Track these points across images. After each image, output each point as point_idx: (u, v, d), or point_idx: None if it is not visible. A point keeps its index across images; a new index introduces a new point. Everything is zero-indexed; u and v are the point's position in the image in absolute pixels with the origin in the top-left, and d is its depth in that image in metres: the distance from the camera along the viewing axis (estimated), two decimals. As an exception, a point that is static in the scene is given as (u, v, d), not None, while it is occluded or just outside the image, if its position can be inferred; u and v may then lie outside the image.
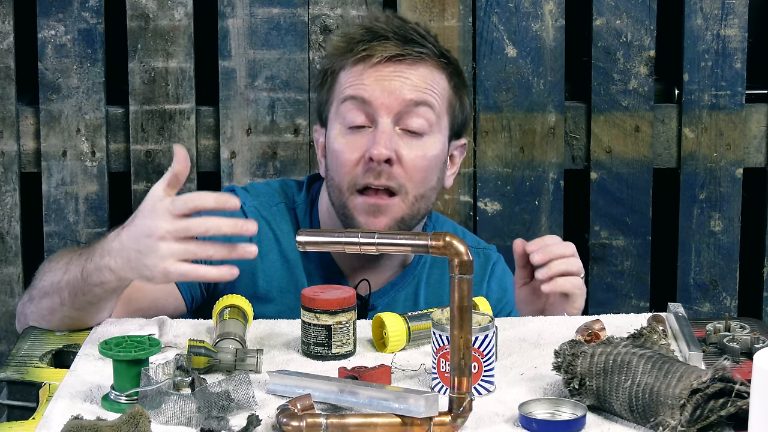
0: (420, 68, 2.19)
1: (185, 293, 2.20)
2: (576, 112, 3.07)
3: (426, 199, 2.20)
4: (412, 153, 2.17)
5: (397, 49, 2.17)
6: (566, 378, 1.76)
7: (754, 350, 1.94)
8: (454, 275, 1.66)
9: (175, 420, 1.70)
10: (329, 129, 2.22)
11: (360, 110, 2.17)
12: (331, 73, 2.22)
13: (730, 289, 3.12)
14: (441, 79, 2.21)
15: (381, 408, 1.70)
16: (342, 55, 2.21)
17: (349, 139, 2.17)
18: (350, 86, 2.18)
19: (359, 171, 2.16)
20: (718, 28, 3.03)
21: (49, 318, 2.06)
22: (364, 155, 2.15)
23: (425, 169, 2.18)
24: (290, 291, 2.24)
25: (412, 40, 2.19)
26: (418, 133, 2.17)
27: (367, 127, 2.17)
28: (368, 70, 2.17)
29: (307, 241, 1.75)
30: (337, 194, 2.19)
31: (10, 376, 1.90)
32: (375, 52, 2.17)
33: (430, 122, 2.18)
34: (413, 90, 2.17)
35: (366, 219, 2.16)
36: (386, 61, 2.17)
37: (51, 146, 3.00)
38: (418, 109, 2.17)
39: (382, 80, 2.17)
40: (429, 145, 2.19)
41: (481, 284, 2.32)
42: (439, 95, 2.20)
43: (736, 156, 3.08)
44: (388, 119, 2.16)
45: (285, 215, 2.28)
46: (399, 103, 2.16)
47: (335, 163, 2.19)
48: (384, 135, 2.15)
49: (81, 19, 2.97)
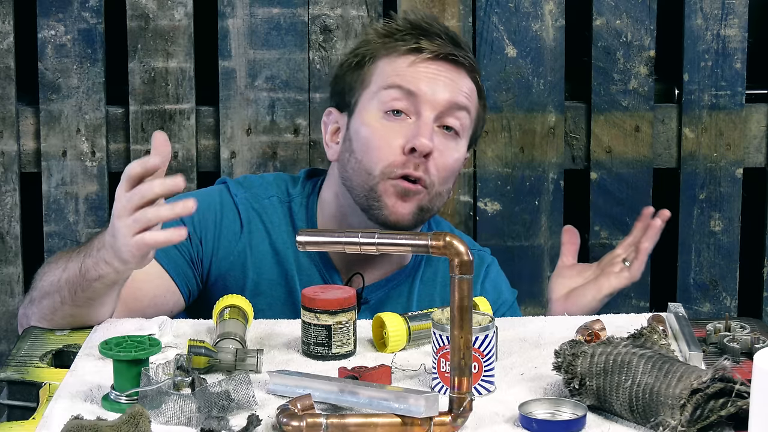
0: (462, 73, 2.21)
1: (182, 287, 2.20)
2: (576, 112, 3.07)
3: (442, 198, 2.22)
4: (446, 152, 2.18)
5: (448, 48, 2.20)
6: (566, 378, 1.76)
7: (754, 350, 1.94)
8: (455, 275, 1.66)
9: (175, 420, 1.70)
10: (360, 112, 2.21)
11: (404, 100, 2.18)
12: (370, 58, 2.22)
13: (730, 289, 3.12)
14: (474, 89, 2.24)
15: (381, 408, 1.70)
16: (386, 45, 2.21)
17: (387, 125, 2.18)
18: (397, 76, 2.18)
19: (398, 159, 2.16)
20: (718, 28, 3.03)
21: (51, 317, 2.06)
22: (405, 145, 2.16)
23: (452, 168, 2.21)
24: (280, 284, 2.24)
25: (459, 44, 2.23)
26: (453, 131, 2.19)
27: (407, 116, 2.18)
28: (418, 64, 2.19)
29: (307, 241, 1.75)
30: (363, 177, 2.18)
31: (10, 376, 1.90)
32: (427, 47, 2.19)
33: (464, 126, 2.21)
34: (458, 92, 2.19)
35: (395, 202, 2.17)
36: (435, 59, 2.19)
37: (51, 146, 3.00)
38: (458, 112, 2.19)
39: (430, 77, 2.18)
40: (459, 147, 2.21)
41: (475, 286, 2.32)
42: (473, 103, 2.23)
43: (736, 156, 3.08)
44: (431, 114, 2.17)
45: (277, 208, 2.28)
46: (443, 103, 2.18)
47: (367, 147, 2.18)
48: (428, 128, 2.16)
49: (81, 19, 2.97)
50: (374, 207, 2.17)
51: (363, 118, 2.20)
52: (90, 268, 1.96)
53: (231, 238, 2.23)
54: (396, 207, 2.17)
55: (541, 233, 3.05)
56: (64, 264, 2.02)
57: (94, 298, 2.01)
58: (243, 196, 2.27)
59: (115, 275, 1.96)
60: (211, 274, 2.24)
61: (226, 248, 2.24)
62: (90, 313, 2.05)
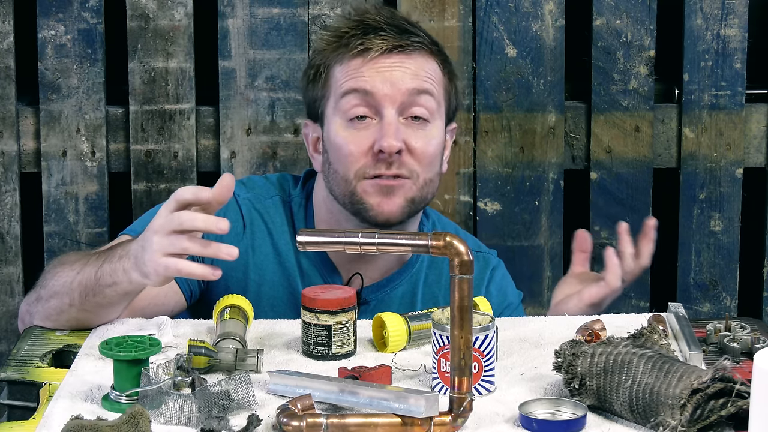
0: (417, 57, 2.19)
1: (184, 288, 2.20)
2: (576, 112, 3.07)
3: (433, 183, 2.21)
4: (420, 141, 2.17)
5: (394, 40, 2.18)
6: (566, 378, 1.76)
7: (754, 350, 1.94)
8: (455, 275, 1.66)
9: (175, 420, 1.70)
10: (328, 124, 2.21)
11: (362, 103, 2.17)
12: (324, 68, 2.22)
13: (730, 289, 3.12)
14: (435, 67, 2.22)
15: (381, 408, 1.70)
16: (336, 50, 2.20)
17: (353, 132, 2.18)
18: (350, 79, 2.18)
19: (368, 162, 2.16)
20: (718, 28, 3.03)
21: (56, 318, 2.06)
22: (372, 147, 2.15)
23: (432, 154, 2.20)
24: (282, 284, 2.24)
25: (407, 31, 2.20)
26: (422, 120, 2.18)
27: (370, 119, 2.17)
28: (367, 63, 2.17)
29: (308, 241, 1.75)
30: (342, 185, 2.19)
31: (10, 376, 1.90)
32: (373, 45, 2.17)
33: (431, 110, 2.19)
34: (414, 79, 2.18)
35: (379, 200, 2.16)
36: (384, 53, 2.17)
37: (51, 146, 3.00)
38: (420, 98, 2.18)
39: (382, 72, 2.17)
40: (433, 132, 2.20)
41: (480, 289, 2.32)
42: (437, 82, 2.21)
43: (736, 156, 3.08)
44: (392, 110, 2.16)
45: (279, 208, 2.28)
46: (402, 93, 2.16)
47: (339, 155, 2.18)
48: (391, 126, 2.15)
49: (81, 19, 2.97)
50: (361, 210, 2.18)
51: (331, 129, 2.20)
52: (106, 273, 1.96)
53: (233, 238, 2.23)
54: (381, 205, 2.17)
55: (541, 233, 3.05)
56: (80, 267, 2.02)
57: (103, 305, 2.01)
58: (245, 197, 2.27)
59: (129, 286, 1.96)
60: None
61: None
62: (95, 319, 2.05)
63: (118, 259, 1.95)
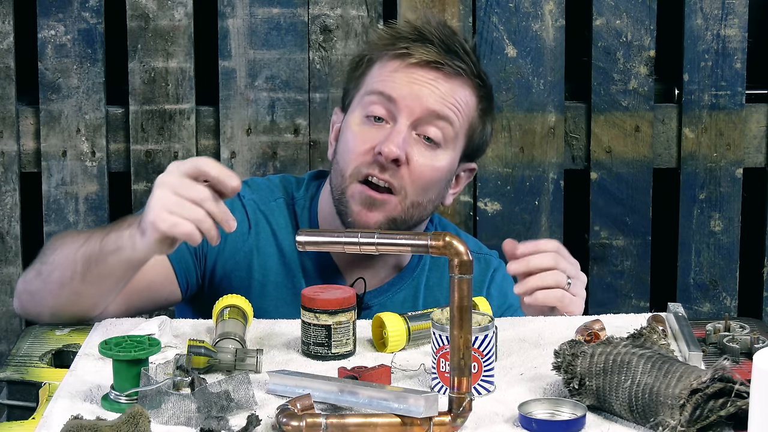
0: (453, 82, 2.18)
1: (181, 278, 2.20)
2: (576, 112, 3.07)
3: (421, 208, 2.20)
4: (422, 160, 2.16)
5: (437, 56, 2.16)
6: (566, 378, 1.76)
7: (754, 350, 1.94)
8: (454, 275, 1.66)
9: (174, 420, 1.70)
10: (349, 114, 2.22)
11: (383, 106, 2.17)
12: (367, 62, 2.22)
13: (730, 289, 3.12)
14: (470, 99, 2.21)
15: (381, 408, 1.70)
16: (382, 48, 2.20)
17: (365, 129, 2.18)
18: (380, 81, 2.18)
19: (365, 160, 2.16)
20: (718, 28, 3.03)
21: (57, 293, 2.04)
22: (374, 147, 2.15)
23: (430, 178, 2.18)
24: (286, 286, 2.24)
25: (455, 52, 2.18)
26: (432, 142, 2.17)
27: (386, 122, 2.17)
28: (402, 69, 2.17)
29: (307, 241, 1.75)
30: (339, 180, 2.19)
31: (10, 376, 1.90)
32: (414, 53, 2.16)
33: (447, 137, 2.18)
34: (439, 101, 2.16)
35: (360, 210, 2.16)
36: (423, 65, 2.16)
37: (51, 146, 3.00)
38: (437, 121, 2.17)
39: (412, 83, 2.16)
40: (440, 157, 2.18)
41: (481, 290, 2.31)
42: (463, 114, 2.20)
43: (736, 156, 3.08)
44: (407, 121, 2.16)
45: (283, 210, 2.28)
46: (421, 110, 2.16)
47: (344, 148, 2.19)
48: (399, 135, 2.15)
49: (81, 19, 2.97)
50: (344, 213, 2.18)
51: (348, 122, 2.21)
52: (111, 240, 1.96)
53: (238, 238, 2.23)
54: (360, 215, 2.16)
55: (541, 233, 3.05)
56: (85, 238, 2.02)
57: (104, 277, 2.00)
58: (250, 198, 2.27)
59: (131, 252, 1.95)
60: (216, 273, 2.23)
61: (233, 247, 2.24)
62: (94, 296, 2.03)
63: (127, 226, 1.95)
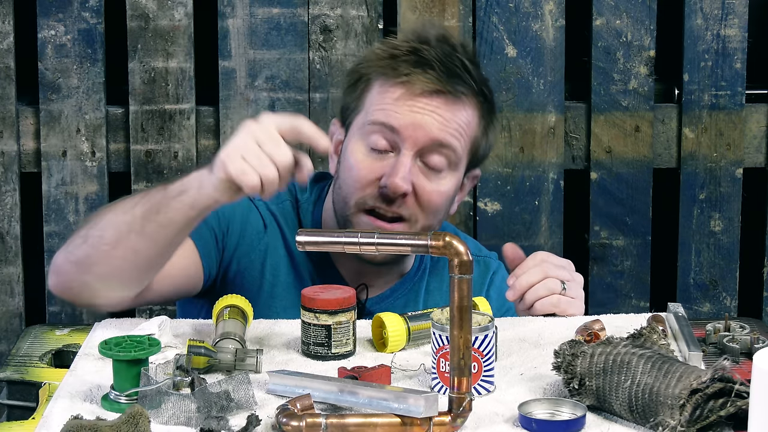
0: (455, 106, 2.16)
1: (205, 265, 2.18)
2: (576, 112, 3.07)
3: (432, 229, 2.19)
4: (429, 187, 2.16)
5: (439, 83, 2.13)
6: (566, 378, 1.76)
7: (753, 350, 1.94)
8: (454, 275, 1.66)
9: (174, 420, 1.70)
10: (350, 138, 2.20)
11: (385, 136, 2.15)
12: (365, 81, 2.19)
13: (730, 289, 3.12)
14: (472, 119, 2.19)
15: (381, 408, 1.70)
16: (383, 69, 2.17)
17: (368, 160, 2.16)
18: (382, 111, 2.15)
19: (371, 192, 2.15)
20: (718, 28, 3.03)
21: (110, 253, 1.99)
22: (380, 179, 2.14)
23: (438, 203, 2.18)
24: (295, 286, 2.23)
25: (457, 75, 2.16)
26: (437, 169, 2.17)
27: (389, 151, 2.16)
28: (405, 99, 2.14)
29: (307, 241, 1.75)
30: (342, 206, 2.19)
31: (10, 376, 1.91)
32: (416, 82, 2.14)
33: (451, 162, 2.17)
34: (442, 130, 2.14)
35: None
36: (425, 94, 2.14)
37: (51, 146, 3.00)
38: (441, 149, 2.15)
39: (415, 113, 2.14)
40: (444, 181, 2.18)
41: (481, 292, 2.31)
42: (466, 136, 2.18)
43: (736, 156, 3.08)
44: (410, 151, 2.14)
45: (290, 212, 2.28)
46: (425, 140, 2.14)
47: (348, 176, 2.18)
48: (404, 167, 2.13)
49: (81, 19, 2.97)
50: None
51: (351, 145, 2.19)
52: (177, 185, 1.96)
53: (254, 236, 2.23)
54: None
55: (541, 233, 3.05)
56: (142, 196, 2.00)
57: (165, 226, 1.96)
58: (260, 199, 2.27)
59: (196, 194, 1.93)
60: (231, 269, 2.23)
61: (249, 244, 2.23)
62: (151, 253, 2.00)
63: (196, 173, 1.95)
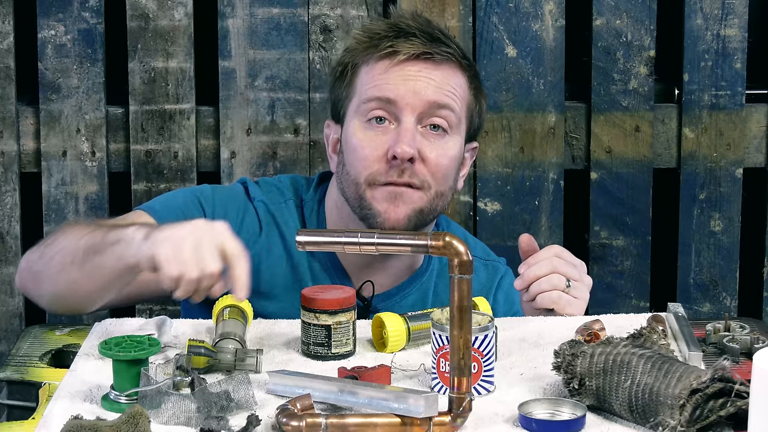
0: (444, 69, 2.18)
1: None
2: (576, 112, 3.07)
3: (445, 197, 2.20)
4: (435, 151, 2.17)
5: (423, 47, 2.16)
6: (566, 378, 1.76)
7: (753, 350, 1.94)
8: (454, 275, 1.66)
9: (174, 420, 1.70)
10: (347, 124, 2.21)
11: (383, 109, 2.16)
12: (351, 68, 2.21)
13: (730, 289, 3.12)
14: (462, 81, 2.21)
15: (381, 408, 1.70)
16: (365, 51, 2.20)
17: (370, 135, 2.17)
18: (375, 86, 2.17)
19: (381, 167, 2.15)
20: (718, 28, 3.03)
21: (55, 278, 2.00)
22: (387, 152, 2.15)
23: (447, 167, 2.18)
24: (294, 289, 2.23)
25: (438, 39, 2.18)
26: (440, 130, 2.18)
27: (389, 122, 2.17)
28: (393, 68, 2.16)
29: (307, 241, 1.75)
30: (353, 188, 2.18)
31: (10, 376, 1.91)
32: (401, 49, 2.16)
33: (451, 123, 2.18)
34: (437, 92, 2.16)
35: (387, 207, 2.15)
36: (412, 59, 2.16)
37: (51, 146, 3.00)
38: (440, 111, 2.17)
39: (407, 79, 2.16)
40: (449, 144, 2.19)
41: (488, 297, 2.31)
42: (460, 98, 2.20)
43: (736, 156, 3.08)
44: (411, 117, 2.16)
45: (293, 212, 2.28)
46: (423, 104, 2.16)
47: (353, 157, 2.18)
48: (408, 133, 2.14)
49: (81, 19, 2.97)
50: (368, 215, 2.17)
51: (350, 130, 2.20)
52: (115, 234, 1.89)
53: (249, 238, 2.22)
54: (389, 212, 2.16)
55: (541, 233, 3.05)
56: (94, 228, 1.97)
57: (99, 269, 1.93)
58: (261, 199, 2.27)
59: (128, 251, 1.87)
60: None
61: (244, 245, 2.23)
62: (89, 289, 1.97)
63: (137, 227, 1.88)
